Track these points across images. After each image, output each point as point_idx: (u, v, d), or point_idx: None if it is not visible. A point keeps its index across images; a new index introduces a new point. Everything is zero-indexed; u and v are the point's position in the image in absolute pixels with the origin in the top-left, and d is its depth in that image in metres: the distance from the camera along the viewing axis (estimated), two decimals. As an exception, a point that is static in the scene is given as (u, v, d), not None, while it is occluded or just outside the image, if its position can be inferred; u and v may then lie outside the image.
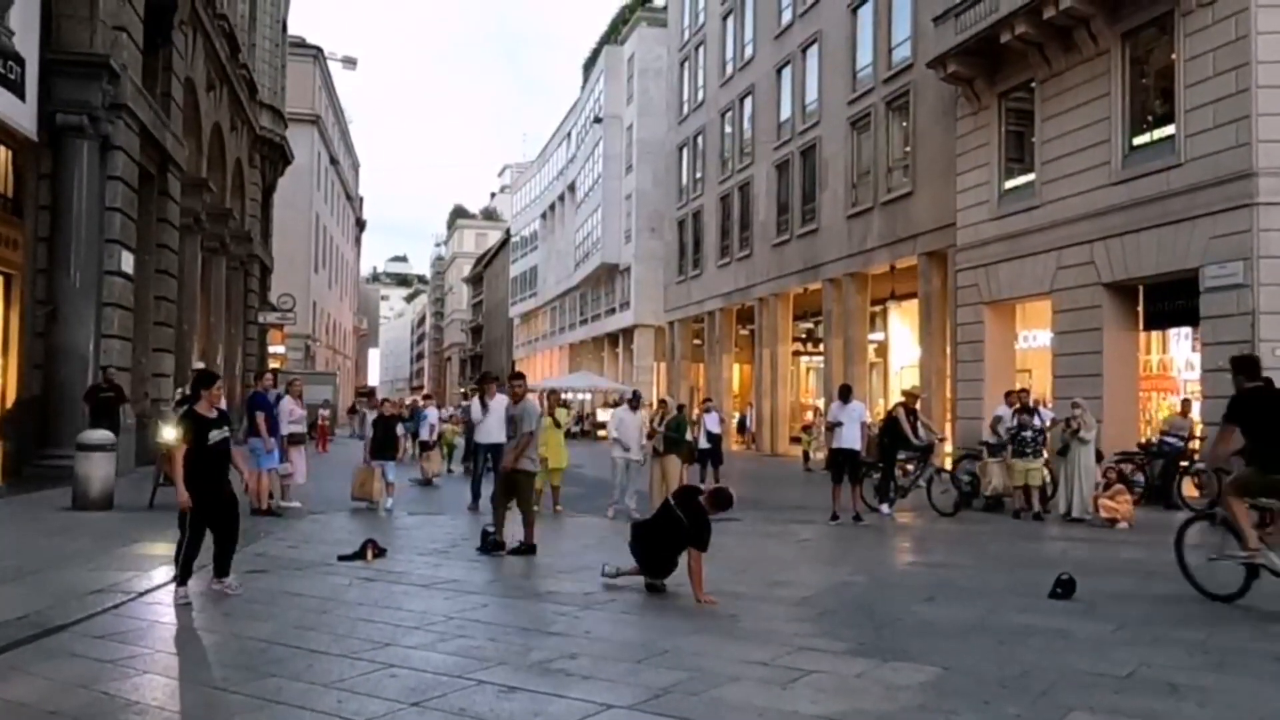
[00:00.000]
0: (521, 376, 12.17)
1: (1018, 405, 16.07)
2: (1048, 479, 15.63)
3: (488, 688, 5.49)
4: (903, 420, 15.96)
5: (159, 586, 8.37)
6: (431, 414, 21.16)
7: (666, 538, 8.48)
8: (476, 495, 15.11)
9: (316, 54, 57.25)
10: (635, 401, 15.89)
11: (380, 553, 10.21)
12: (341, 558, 9.93)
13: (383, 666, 5.92)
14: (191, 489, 7.79)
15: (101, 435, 13.03)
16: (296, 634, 6.87)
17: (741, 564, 10.43)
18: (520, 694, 5.41)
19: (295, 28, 45.97)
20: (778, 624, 7.40)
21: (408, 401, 33.91)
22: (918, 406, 17.12)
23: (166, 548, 10.30)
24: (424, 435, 20.67)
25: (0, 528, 10.78)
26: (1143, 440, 18.47)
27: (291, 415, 14.46)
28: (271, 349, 40.44)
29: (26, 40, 15.53)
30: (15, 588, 7.98)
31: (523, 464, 10.98)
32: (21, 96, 15.65)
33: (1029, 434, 15.38)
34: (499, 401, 15.53)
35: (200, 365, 17.92)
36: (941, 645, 6.68)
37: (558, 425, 15.53)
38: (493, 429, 14.64)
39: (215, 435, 8.04)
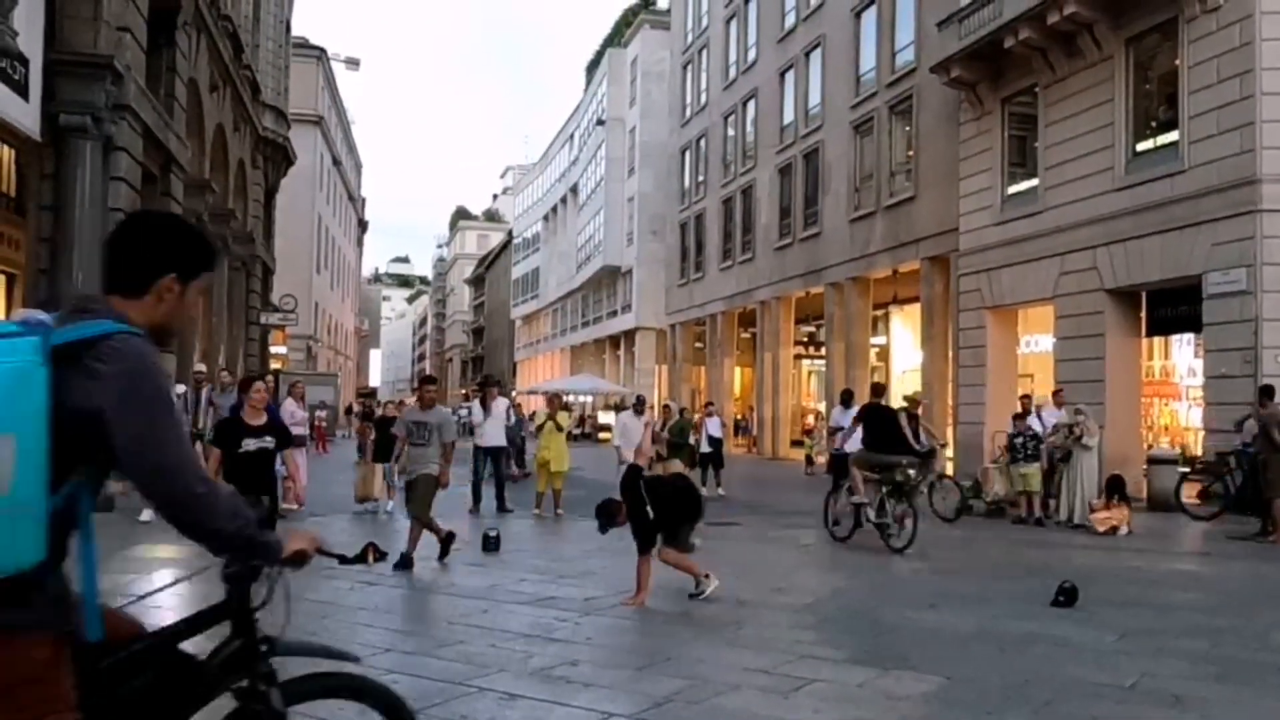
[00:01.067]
0: (434, 380, 11.01)
1: (1019, 410, 15.99)
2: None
3: (489, 695, 5.48)
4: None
5: (159, 590, 8.35)
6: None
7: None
8: (477, 499, 15.13)
9: (320, 55, 57.25)
10: (639, 406, 15.90)
11: (381, 556, 10.20)
12: (342, 560, 9.89)
13: (384, 672, 5.86)
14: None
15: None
16: (296, 638, 6.84)
17: (742, 569, 10.40)
18: (521, 701, 5.39)
19: (299, 28, 46.04)
20: (779, 631, 7.38)
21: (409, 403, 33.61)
22: (920, 412, 17.08)
23: (167, 550, 10.33)
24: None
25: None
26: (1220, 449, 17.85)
27: (293, 417, 14.47)
28: (273, 350, 40.45)
29: (30, 40, 15.50)
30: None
31: (430, 469, 10.29)
32: (25, 96, 15.62)
33: (1021, 440, 15.36)
34: (499, 405, 15.58)
35: (200, 368, 17.87)
36: (943, 654, 6.66)
37: (559, 429, 15.51)
38: (492, 432, 14.92)
39: (251, 444, 7.76)
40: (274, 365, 39.72)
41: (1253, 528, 13.73)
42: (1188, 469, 17.24)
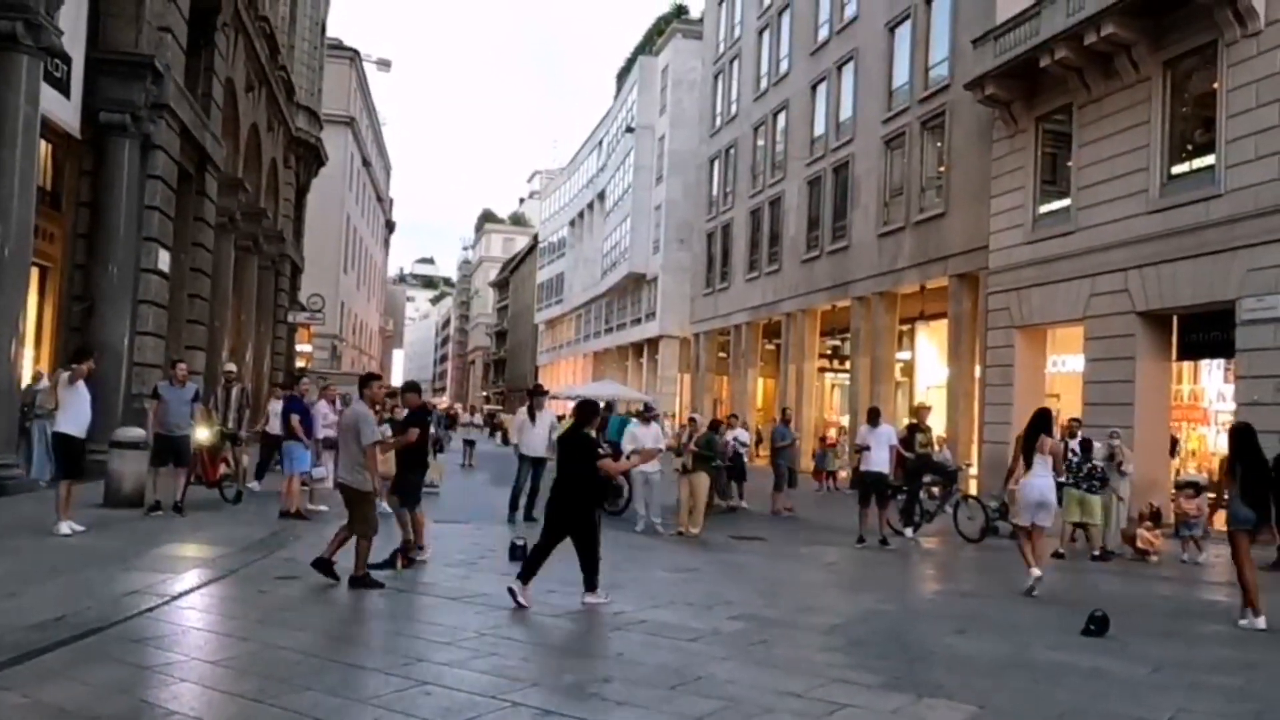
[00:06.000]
0: (229, 370, 8.91)
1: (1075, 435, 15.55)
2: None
3: (523, 710, 5.48)
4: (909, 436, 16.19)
5: (192, 590, 8.42)
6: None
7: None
8: (514, 507, 15.08)
9: (353, 56, 57.57)
10: (648, 414, 15.86)
11: (410, 562, 10.23)
12: (371, 566, 9.92)
13: (417, 683, 5.92)
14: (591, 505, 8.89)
15: (135, 433, 13.11)
16: (330, 645, 6.89)
17: (770, 587, 10.41)
18: (555, 718, 5.40)
19: (333, 30, 46.29)
20: (809, 653, 7.36)
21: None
22: (920, 420, 17.09)
23: (197, 549, 10.41)
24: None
25: (33, 523, 10.86)
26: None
27: (326, 419, 14.53)
28: (298, 348, 40.65)
29: (73, 39, 15.69)
30: (51, 586, 8.04)
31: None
32: (66, 94, 15.82)
33: (1091, 466, 14.79)
34: (546, 415, 15.54)
35: (231, 368, 17.98)
36: (976, 682, 6.63)
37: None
38: (537, 442, 14.88)
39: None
40: (299, 364, 39.94)
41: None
42: (1214, 494, 17.08)
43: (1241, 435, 9.93)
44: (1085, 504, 14.27)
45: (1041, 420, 11.01)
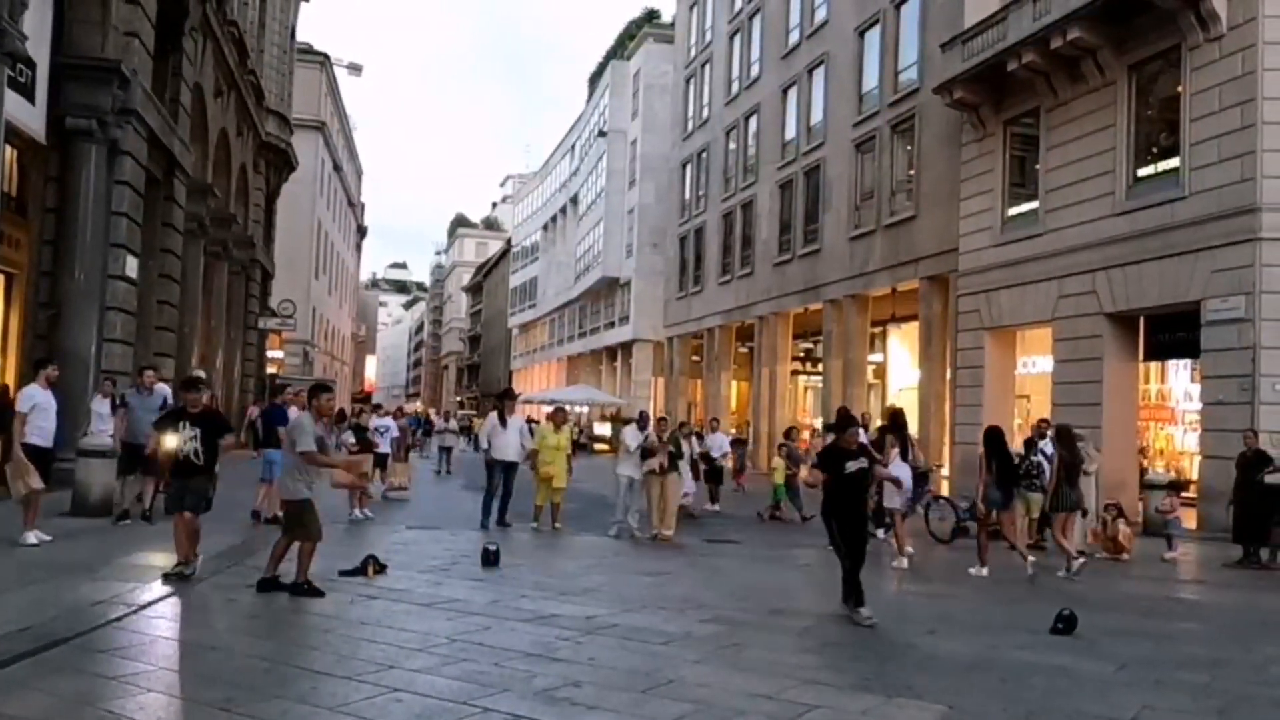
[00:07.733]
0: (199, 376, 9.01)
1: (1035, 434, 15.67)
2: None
3: (494, 716, 5.47)
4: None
5: (161, 599, 8.35)
6: (392, 425, 20.68)
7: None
8: (487, 513, 15.04)
9: (324, 60, 57.25)
10: (643, 422, 15.92)
11: (381, 569, 10.19)
12: (342, 573, 9.90)
13: (388, 690, 5.90)
14: (833, 513, 9.10)
15: (103, 441, 12.98)
16: (300, 653, 6.86)
17: (742, 589, 10.43)
18: (526, 723, 5.40)
19: (303, 34, 46.01)
20: (781, 654, 7.38)
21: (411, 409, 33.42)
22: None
23: (165, 558, 10.29)
24: (385, 448, 19.94)
25: (-1, 533, 10.74)
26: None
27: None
28: (269, 354, 40.40)
29: (38, 44, 15.54)
30: (16, 597, 7.95)
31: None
32: (31, 99, 15.67)
33: (1028, 464, 15.05)
34: (516, 419, 15.49)
35: (200, 373, 17.85)
36: (945, 682, 6.68)
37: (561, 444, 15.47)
38: (509, 447, 14.83)
39: (851, 465, 9.02)
40: (269, 369, 39.73)
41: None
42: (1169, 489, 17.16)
43: (994, 437, 12.50)
44: (1031, 502, 14.46)
45: (898, 418, 14.40)
